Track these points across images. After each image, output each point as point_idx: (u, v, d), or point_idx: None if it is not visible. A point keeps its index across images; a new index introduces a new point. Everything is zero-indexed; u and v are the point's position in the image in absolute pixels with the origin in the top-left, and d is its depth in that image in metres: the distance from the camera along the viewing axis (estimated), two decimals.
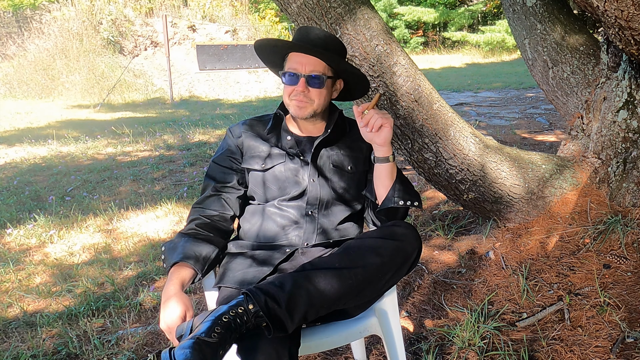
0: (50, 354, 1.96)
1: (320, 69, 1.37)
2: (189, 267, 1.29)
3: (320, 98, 1.40)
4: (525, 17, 2.71)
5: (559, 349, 1.68)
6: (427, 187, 3.46)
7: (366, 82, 1.47)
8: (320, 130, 1.49)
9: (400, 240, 1.23)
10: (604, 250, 2.08)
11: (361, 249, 1.21)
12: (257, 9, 18.97)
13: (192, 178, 4.63)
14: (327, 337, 1.30)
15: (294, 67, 1.37)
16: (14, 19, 13.32)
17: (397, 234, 1.24)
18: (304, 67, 1.36)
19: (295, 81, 1.37)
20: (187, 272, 1.28)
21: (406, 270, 1.26)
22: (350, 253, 1.21)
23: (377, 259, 1.19)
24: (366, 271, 1.18)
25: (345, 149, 1.49)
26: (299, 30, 1.41)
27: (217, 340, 0.99)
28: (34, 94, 11.69)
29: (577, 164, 2.37)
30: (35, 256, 3.04)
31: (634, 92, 2.16)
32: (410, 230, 1.26)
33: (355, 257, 1.20)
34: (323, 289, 1.14)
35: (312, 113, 1.41)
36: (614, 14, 1.61)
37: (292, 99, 1.39)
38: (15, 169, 5.39)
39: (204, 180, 1.49)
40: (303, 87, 1.37)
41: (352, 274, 1.17)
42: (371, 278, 1.19)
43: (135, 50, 13.29)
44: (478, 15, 22.08)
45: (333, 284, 1.15)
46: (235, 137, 1.48)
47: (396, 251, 1.21)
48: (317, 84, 1.37)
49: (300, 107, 1.39)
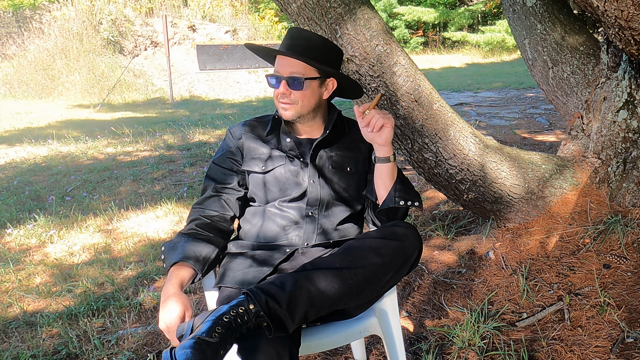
0: (50, 354, 1.96)
1: (300, 70, 1.36)
2: (189, 267, 1.29)
3: (304, 99, 1.39)
4: (525, 17, 2.71)
5: (559, 349, 1.68)
6: (427, 187, 3.46)
7: (355, 82, 1.47)
8: (319, 131, 1.49)
9: (401, 240, 1.23)
10: (604, 250, 2.08)
11: (362, 249, 1.21)
12: (257, 9, 18.97)
13: (192, 178, 4.63)
14: (327, 337, 1.30)
15: (277, 70, 1.39)
16: (14, 19, 13.32)
17: (398, 234, 1.24)
18: (284, 69, 1.37)
19: (277, 84, 1.38)
20: (187, 272, 1.28)
21: (407, 270, 1.26)
22: (351, 253, 1.21)
23: (378, 259, 1.19)
24: (367, 271, 1.18)
25: (345, 149, 1.49)
26: (287, 32, 1.43)
27: (218, 340, 0.99)
28: (34, 94, 11.69)
29: (577, 164, 2.37)
30: (35, 256, 3.04)
31: (634, 92, 2.16)
32: (410, 231, 1.26)
33: (356, 257, 1.20)
34: (324, 289, 1.14)
35: (297, 115, 1.40)
36: (614, 14, 1.61)
37: (278, 101, 1.41)
38: (15, 169, 5.39)
39: (204, 181, 1.49)
40: (284, 89, 1.37)
41: (353, 274, 1.17)
42: (372, 278, 1.19)
43: (135, 50, 13.29)
44: (478, 15, 22.08)
45: (334, 284, 1.15)
46: (236, 139, 1.48)
47: (397, 251, 1.22)
48: (297, 85, 1.37)
49: (284, 109, 1.40)
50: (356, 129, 1.50)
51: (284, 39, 1.41)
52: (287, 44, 1.39)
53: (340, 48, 1.53)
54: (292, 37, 1.39)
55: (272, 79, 1.40)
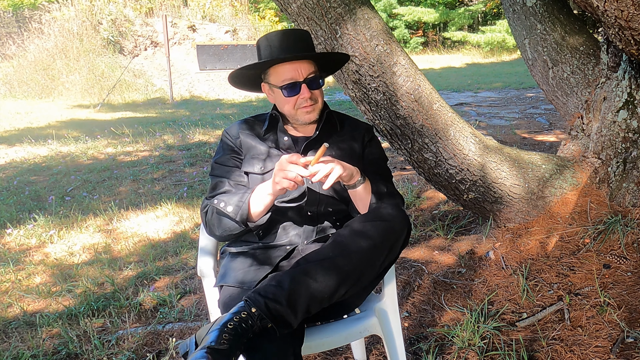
0: (50, 354, 1.96)
1: (312, 69, 1.37)
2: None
3: (321, 96, 1.41)
4: (525, 17, 2.71)
5: (559, 349, 1.68)
6: (427, 187, 3.46)
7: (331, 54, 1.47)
8: (313, 128, 1.47)
9: (388, 220, 1.23)
10: (604, 250, 2.08)
11: (350, 235, 1.21)
12: (257, 9, 18.98)
13: (192, 178, 4.63)
14: (327, 337, 1.30)
15: (291, 77, 1.35)
16: (14, 19, 13.33)
17: (384, 215, 1.24)
18: (300, 73, 1.34)
19: (297, 90, 1.35)
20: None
21: (399, 249, 1.25)
22: (341, 241, 1.21)
23: (369, 242, 1.19)
24: (360, 254, 1.18)
25: (337, 150, 1.46)
26: (273, 39, 1.36)
27: (228, 346, 1.00)
28: (34, 94, 11.70)
29: (577, 164, 2.37)
30: (35, 256, 3.04)
31: (634, 92, 2.16)
32: (395, 210, 1.25)
33: (346, 244, 1.19)
34: (322, 280, 1.14)
35: (318, 113, 1.41)
36: (614, 14, 1.61)
37: (298, 107, 1.37)
38: (15, 169, 5.39)
39: (211, 180, 1.46)
40: (308, 92, 1.35)
41: (347, 260, 1.17)
42: (366, 261, 1.19)
43: (135, 50, 13.29)
44: (478, 15, 22.08)
45: (330, 274, 1.15)
46: (234, 138, 1.46)
47: (385, 231, 1.21)
48: (316, 84, 1.37)
49: (309, 112, 1.38)
50: (348, 127, 1.50)
51: (272, 47, 1.35)
52: (282, 48, 1.34)
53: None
54: (281, 42, 1.34)
55: (288, 88, 1.35)
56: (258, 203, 1.32)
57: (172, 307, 2.28)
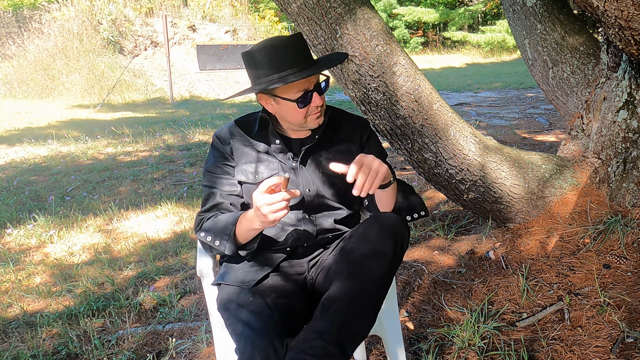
0: (50, 354, 1.96)
1: (319, 75, 1.34)
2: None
3: (324, 97, 1.37)
4: (525, 17, 2.71)
5: (559, 349, 1.68)
6: (427, 187, 3.46)
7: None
8: (306, 130, 1.41)
9: (384, 219, 1.25)
10: (604, 250, 2.08)
11: (355, 245, 1.23)
12: (257, 9, 18.99)
13: (192, 178, 4.63)
14: None
15: (304, 87, 1.28)
16: (14, 19, 13.33)
17: (380, 217, 1.27)
18: (311, 82, 1.30)
19: (309, 99, 1.30)
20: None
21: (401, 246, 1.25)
22: (350, 253, 1.22)
23: (386, 261, 1.19)
24: (379, 278, 1.18)
25: (335, 152, 1.43)
26: (278, 51, 1.26)
27: None
28: (34, 94, 11.70)
29: (577, 164, 2.37)
30: (35, 256, 3.04)
31: (634, 92, 2.16)
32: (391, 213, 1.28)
33: (363, 266, 1.19)
34: (355, 298, 1.14)
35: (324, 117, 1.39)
36: (614, 14, 1.61)
37: (309, 115, 1.33)
38: (15, 169, 5.39)
39: (203, 190, 1.43)
40: (320, 100, 1.31)
41: (363, 266, 1.18)
42: (387, 279, 1.20)
43: (135, 50, 13.29)
44: (478, 15, 22.09)
45: (356, 287, 1.15)
46: (225, 144, 1.42)
47: (395, 245, 1.21)
48: (324, 89, 1.34)
49: (318, 117, 1.34)
50: (346, 128, 1.47)
51: (281, 61, 1.26)
52: (294, 61, 1.27)
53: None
54: (288, 54, 1.27)
55: (301, 99, 1.29)
56: (245, 236, 1.29)
57: (172, 307, 2.28)
